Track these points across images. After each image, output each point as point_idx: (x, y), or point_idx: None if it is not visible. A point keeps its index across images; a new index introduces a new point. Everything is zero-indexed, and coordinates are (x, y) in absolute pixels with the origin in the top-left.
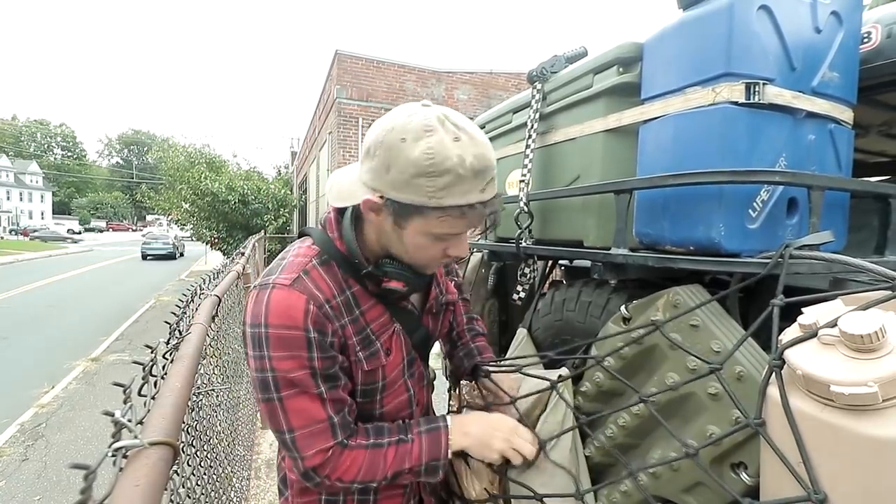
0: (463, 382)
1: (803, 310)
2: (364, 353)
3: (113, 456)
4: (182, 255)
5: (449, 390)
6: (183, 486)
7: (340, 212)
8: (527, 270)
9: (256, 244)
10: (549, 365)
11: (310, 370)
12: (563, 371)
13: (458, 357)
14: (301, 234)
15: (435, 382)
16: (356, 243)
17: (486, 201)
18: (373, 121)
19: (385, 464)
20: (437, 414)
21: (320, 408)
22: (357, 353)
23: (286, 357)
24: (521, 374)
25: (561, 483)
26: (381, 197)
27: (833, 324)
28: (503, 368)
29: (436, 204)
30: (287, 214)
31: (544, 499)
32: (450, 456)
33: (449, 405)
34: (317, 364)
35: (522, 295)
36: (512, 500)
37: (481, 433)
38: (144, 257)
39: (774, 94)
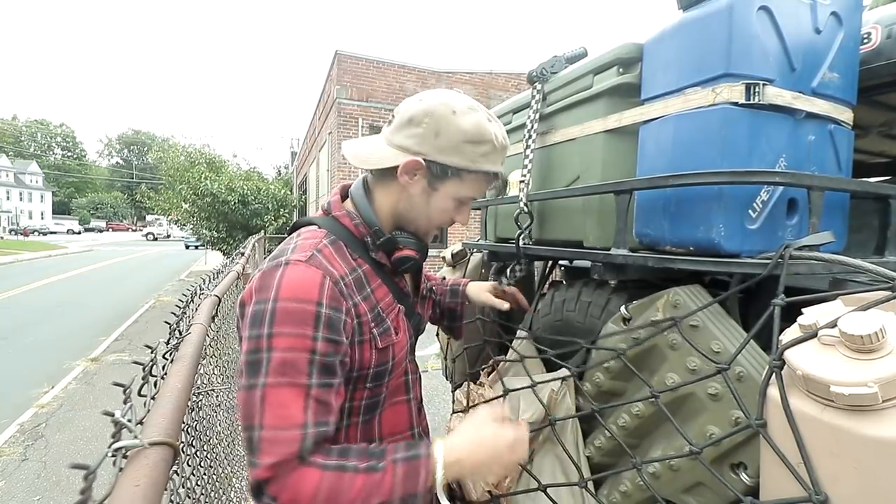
0: (477, 383)
1: (803, 310)
2: (378, 329)
3: (113, 456)
4: None
5: (453, 391)
6: (183, 486)
7: (343, 196)
8: (517, 268)
9: (256, 244)
10: (551, 366)
11: (309, 354)
12: (565, 372)
13: (446, 301)
14: (295, 228)
15: (434, 382)
16: (373, 213)
17: (499, 172)
18: (373, 121)
19: (350, 494)
20: (431, 415)
21: (300, 409)
22: (372, 330)
23: (289, 333)
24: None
25: (562, 479)
26: (424, 160)
27: (833, 324)
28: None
29: (475, 168)
30: (287, 215)
31: (548, 489)
32: (437, 487)
33: (453, 407)
34: (319, 346)
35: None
36: (515, 493)
37: (475, 462)
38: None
39: (774, 94)
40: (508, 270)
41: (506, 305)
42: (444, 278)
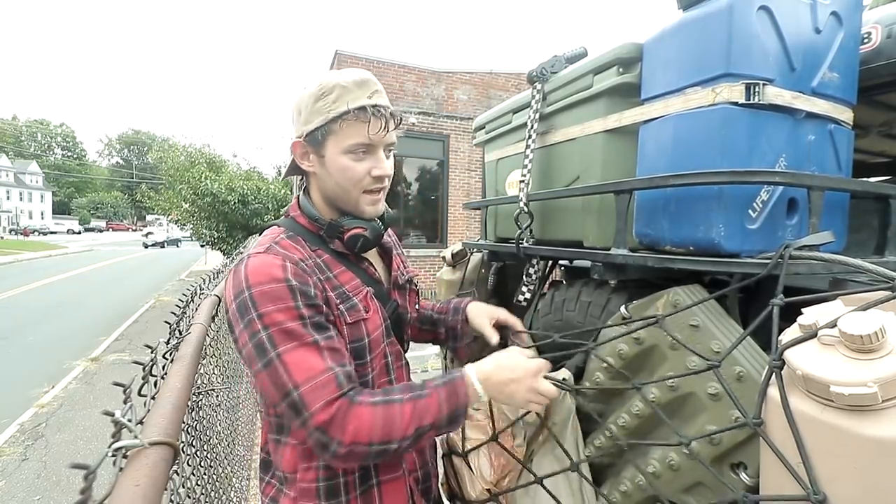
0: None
1: (803, 310)
2: (344, 305)
3: (113, 456)
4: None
5: None
6: (183, 486)
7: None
8: (531, 271)
9: None
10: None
11: (300, 320)
12: (565, 373)
13: (448, 320)
14: (262, 231)
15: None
16: (313, 207)
17: (375, 105)
18: None
19: (403, 420)
20: None
21: (319, 358)
22: (339, 307)
23: (275, 310)
24: None
25: (562, 479)
26: (300, 137)
27: (833, 324)
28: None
29: (335, 114)
30: None
31: (547, 488)
32: (474, 404)
33: None
34: (304, 311)
35: (528, 296)
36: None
37: (501, 381)
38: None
39: (774, 94)
40: (524, 274)
41: (495, 340)
42: (450, 299)
